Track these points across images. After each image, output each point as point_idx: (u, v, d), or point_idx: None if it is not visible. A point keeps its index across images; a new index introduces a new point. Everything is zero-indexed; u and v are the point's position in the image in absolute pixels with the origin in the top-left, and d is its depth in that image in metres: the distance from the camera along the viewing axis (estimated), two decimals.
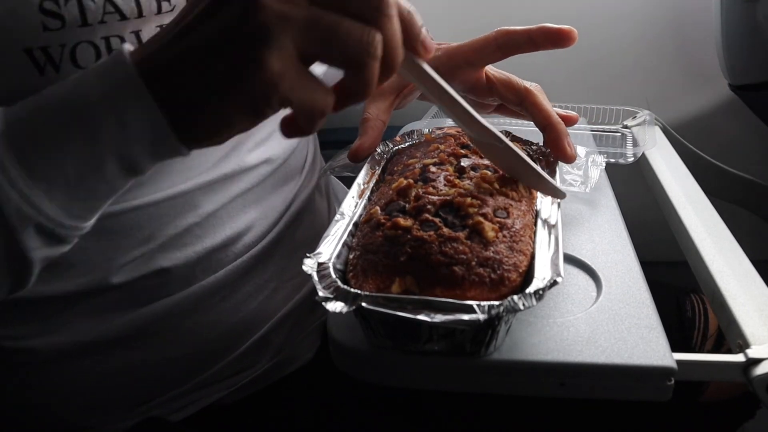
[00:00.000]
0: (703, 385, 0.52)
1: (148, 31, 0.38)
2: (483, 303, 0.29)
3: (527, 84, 0.46)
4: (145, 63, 0.29)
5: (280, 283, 0.49)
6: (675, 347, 0.34)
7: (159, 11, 0.38)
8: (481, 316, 0.28)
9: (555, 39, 0.43)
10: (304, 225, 0.52)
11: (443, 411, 0.49)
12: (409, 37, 0.30)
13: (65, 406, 0.43)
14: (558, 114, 0.50)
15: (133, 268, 0.41)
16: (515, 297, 0.29)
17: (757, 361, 0.35)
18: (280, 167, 0.50)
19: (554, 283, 0.30)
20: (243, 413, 0.48)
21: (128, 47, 0.30)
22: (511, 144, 0.37)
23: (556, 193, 0.39)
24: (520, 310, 0.29)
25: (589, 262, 0.41)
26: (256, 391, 0.48)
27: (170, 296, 0.43)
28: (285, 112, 0.30)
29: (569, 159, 0.44)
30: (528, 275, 0.33)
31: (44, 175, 0.29)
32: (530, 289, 0.30)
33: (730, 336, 0.39)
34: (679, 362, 0.32)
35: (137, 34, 0.38)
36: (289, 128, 0.31)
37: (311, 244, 0.52)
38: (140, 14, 0.37)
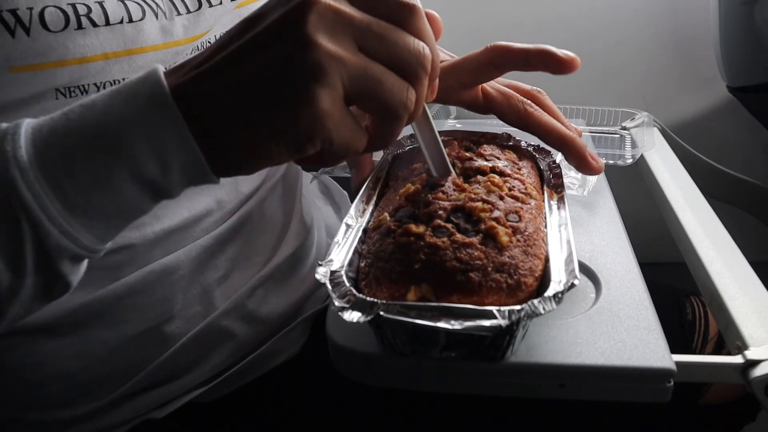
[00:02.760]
0: (703, 387, 0.52)
1: (111, 2, 0.39)
2: (503, 308, 0.29)
3: (529, 94, 0.45)
4: (182, 91, 0.29)
5: (237, 264, 0.49)
6: (675, 350, 0.34)
7: None
8: (502, 322, 0.28)
9: (553, 65, 0.41)
10: (266, 214, 0.52)
11: (436, 410, 0.49)
12: (429, 82, 0.31)
13: (44, 389, 0.43)
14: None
15: None
16: (535, 301, 0.29)
17: (755, 363, 0.35)
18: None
19: (572, 285, 0.30)
20: (227, 410, 0.48)
21: (161, 69, 0.29)
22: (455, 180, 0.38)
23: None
24: (540, 314, 0.29)
25: (588, 264, 0.41)
26: (240, 387, 0.48)
27: (129, 275, 0.43)
28: None
29: (596, 171, 0.43)
30: (543, 278, 0.32)
31: (83, 210, 0.29)
32: (549, 293, 0.30)
33: (728, 337, 0.39)
34: (678, 364, 0.32)
35: (101, 4, 0.38)
36: (307, 159, 0.31)
37: (271, 232, 0.53)
38: None
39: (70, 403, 0.44)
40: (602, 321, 0.36)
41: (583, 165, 0.43)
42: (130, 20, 0.40)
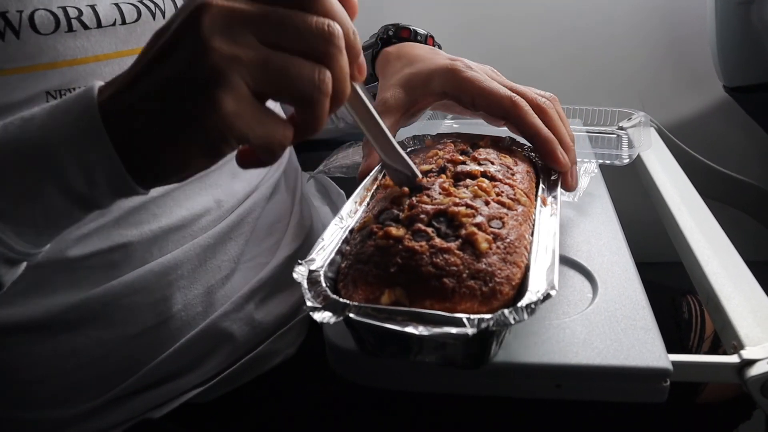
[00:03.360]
0: (700, 386, 0.53)
1: (104, 5, 0.39)
2: (473, 316, 0.28)
3: (542, 98, 0.45)
4: (108, 104, 0.30)
5: (237, 265, 0.49)
6: (671, 349, 0.34)
7: None
8: (469, 330, 0.28)
9: (548, 159, 0.44)
10: (264, 213, 0.52)
11: (434, 410, 0.49)
12: (351, 61, 0.30)
13: (40, 389, 0.43)
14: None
15: (88, 242, 0.42)
16: (506, 311, 0.29)
17: (751, 362, 0.35)
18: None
19: (547, 296, 0.30)
20: (224, 410, 0.48)
21: (98, 84, 0.30)
22: (418, 174, 0.38)
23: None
24: (510, 324, 0.28)
25: (584, 264, 0.41)
26: (237, 387, 0.48)
27: (127, 274, 0.43)
28: None
29: (563, 167, 0.44)
30: (522, 287, 0.32)
31: (14, 219, 0.30)
32: (522, 303, 0.29)
33: (724, 337, 0.39)
34: (674, 363, 0.33)
35: (93, 7, 0.39)
36: (245, 160, 0.32)
37: (271, 232, 0.53)
38: None
39: (63, 402, 0.44)
40: (599, 321, 0.36)
41: (550, 159, 0.43)
42: (123, 22, 0.40)
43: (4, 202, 0.30)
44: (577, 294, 0.39)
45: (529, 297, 0.30)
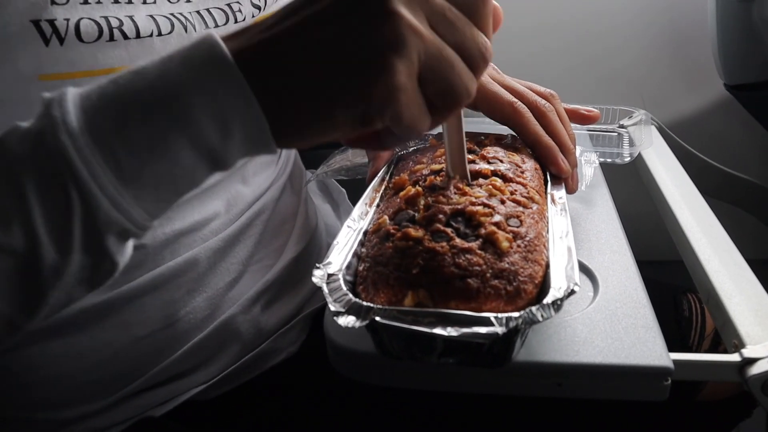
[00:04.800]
0: (700, 384, 0.53)
1: (140, 17, 0.39)
2: (501, 315, 0.28)
3: (543, 96, 0.46)
4: (246, 55, 0.27)
5: (246, 267, 0.49)
6: (672, 346, 0.34)
7: (144, 2, 0.40)
8: (499, 329, 0.28)
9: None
10: (274, 214, 0.52)
11: (434, 408, 0.49)
12: None
13: (44, 390, 0.43)
14: (579, 113, 0.51)
15: None
16: (533, 308, 0.29)
17: (752, 361, 0.35)
18: (252, 160, 0.50)
19: (572, 292, 0.30)
20: (226, 408, 0.48)
21: (216, 34, 0.28)
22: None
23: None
24: (538, 321, 0.28)
25: (585, 262, 0.41)
26: (239, 385, 0.48)
27: (138, 277, 0.43)
28: None
29: (564, 173, 0.44)
30: (543, 285, 0.32)
31: (136, 179, 0.27)
32: (548, 300, 0.29)
33: (725, 336, 0.39)
34: (675, 362, 0.33)
35: (132, 18, 0.39)
36: (358, 140, 0.31)
37: (278, 234, 0.53)
38: (129, 0, 0.39)
39: (68, 404, 0.44)
40: (600, 319, 0.36)
41: (551, 164, 0.44)
42: (159, 34, 0.40)
43: (126, 160, 0.27)
44: (578, 292, 0.39)
45: (554, 294, 0.30)
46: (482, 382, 0.34)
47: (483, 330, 0.28)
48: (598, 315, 0.36)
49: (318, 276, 0.32)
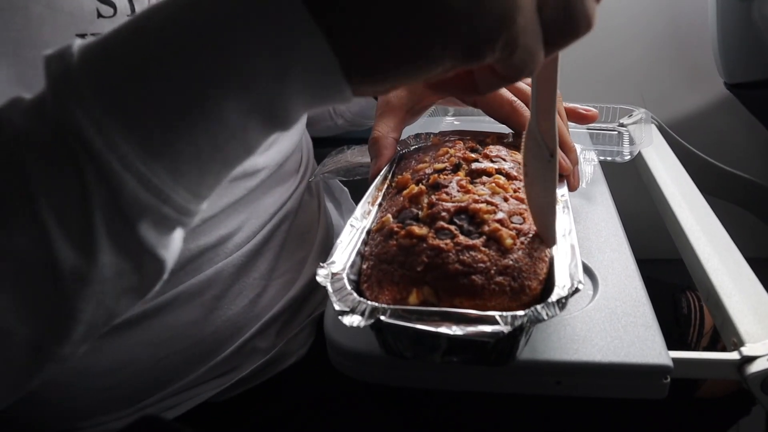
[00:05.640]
0: (699, 381, 0.53)
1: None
2: (506, 314, 0.28)
3: (515, 101, 0.45)
4: None
5: (269, 282, 0.49)
6: (671, 344, 0.34)
7: None
8: (504, 328, 0.27)
9: None
10: (295, 225, 0.52)
11: (439, 407, 0.49)
12: None
13: (62, 405, 0.43)
14: (577, 111, 0.50)
15: None
16: (539, 307, 0.29)
17: (751, 359, 0.35)
18: (276, 171, 0.50)
19: (576, 290, 0.29)
20: (236, 410, 0.48)
21: None
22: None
23: (548, 241, 0.34)
24: (544, 320, 0.28)
25: (585, 261, 0.41)
26: (249, 389, 0.48)
27: (160, 295, 0.42)
28: None
29: (566, 171, 0.44)
30: (547, 282, 0.32)
31: (168, 146, 0.21)
32: (552, 298, 0.29)
33: (724, 334, 0.39)
34: (674, 360, 0.33)
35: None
36: (450, 86, 0.25)
37: (301, 244, 0.53)
38: None
39: (85, 416, 0.43)
40: (599, 318, 0.36)
41: None
42: None
43: (153, 122, 0.20)
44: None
45: (558, 291, 0.30)
46: (482, 381, 0.34)
47: (488, 329, 0.28)
48: (597, 313, 0.36)
49: (322, 275, 0.32)
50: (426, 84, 0.28)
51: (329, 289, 0.31)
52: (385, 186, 0.42)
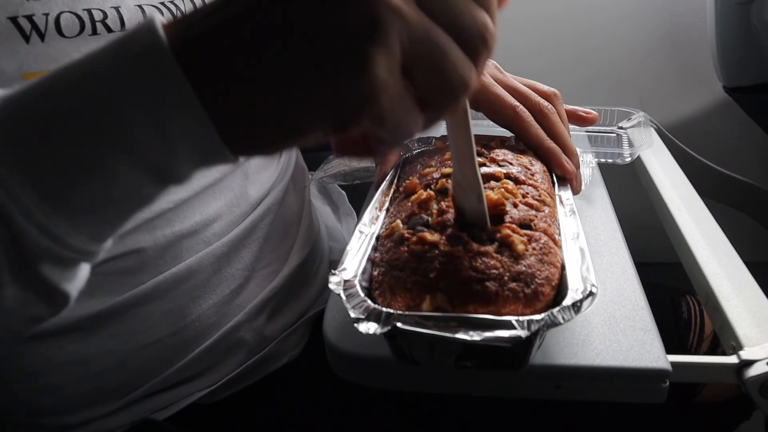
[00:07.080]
0: (699, 386, 0.53)
1: (127, 7, 0.38)
2: (522, 318, 0.28)
3: (545, 95, 0.45)
4: (188, 46, 0.22)
5: (251, 273, 0.48)
6: (670, 349, 0.34)
7: None
8: (522, 333, 0.27)
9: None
10: (277, 218, 0.52)
11: (434, 409, 0.49)
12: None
13: (47, 397, 0.43)
14: (577, 114, 0.50)
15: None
16: (555, 311, 0.28)
17: (750, 363, 0.35)
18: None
19: (590, 293, 0.29)
20: (228, 411, 0.48)
21: (158, 19, 0.23)
22: (484, 200, 0.33)
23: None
24: (560, 323, 0.28)
25: None
26: (241, 389, 0.48)
27: (142, 283, 0.42)
28: None
29: (569, 174, 0.44)
30: (559, 287, 0.32)
31: (65, 200, 0.23)
32: (568, 302, 0.29)
33: (723, 337, 0.39)
34: (673, 364, 0.33)
35: (117, 9, 0.38)
36: (347, 147, 0.26)
37: (283, 238, 0.53)
38: None
39: (72, 410, 0.43)
40: (598, 322, 0.36)
41: (557, 167, 0.44)
42: None
43: (51, 177, 0.23)
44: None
45: (572, 295, 0.29)
46: (481, 385, 0.34)
47: (506, 334, 0.27)
48: (596, 317, 0.36)
49: (334, 282, 0.31)
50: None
51: (342, 296, 0.30)
52: (392, 191, 0.42)
